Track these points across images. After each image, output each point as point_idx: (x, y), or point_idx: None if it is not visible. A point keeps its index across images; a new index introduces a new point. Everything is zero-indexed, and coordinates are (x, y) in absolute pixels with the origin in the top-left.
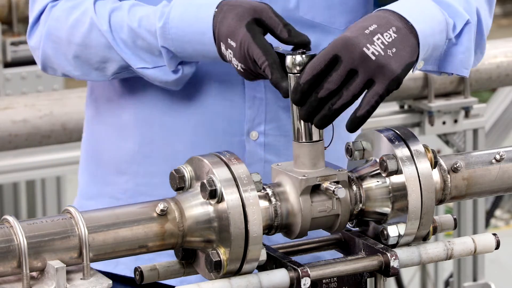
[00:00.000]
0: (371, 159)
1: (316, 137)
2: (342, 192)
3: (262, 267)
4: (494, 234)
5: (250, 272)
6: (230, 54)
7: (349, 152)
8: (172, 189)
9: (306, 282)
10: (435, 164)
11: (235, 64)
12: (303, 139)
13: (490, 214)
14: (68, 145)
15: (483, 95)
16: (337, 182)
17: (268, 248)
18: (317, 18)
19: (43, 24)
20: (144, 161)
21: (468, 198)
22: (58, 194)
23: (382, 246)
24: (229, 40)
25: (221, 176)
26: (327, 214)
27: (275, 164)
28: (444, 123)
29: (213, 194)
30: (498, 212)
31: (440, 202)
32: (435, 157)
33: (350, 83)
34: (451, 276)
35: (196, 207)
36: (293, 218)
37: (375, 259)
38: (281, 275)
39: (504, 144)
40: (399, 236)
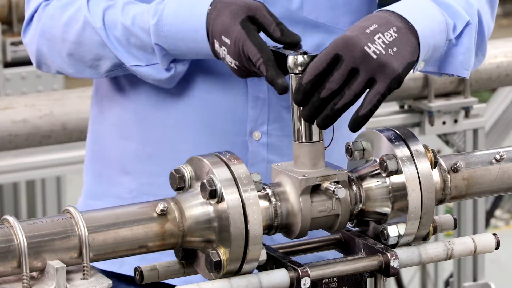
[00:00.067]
0: (371, 159)
1: (316, 137)
2: (342, 192)
3: (262, 267)
4: (494, 234)
5: (250, 272)
6: (224, 51)
7: (349, 152)
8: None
9: (306, 282)
10: (435, 164)
11: (229, 61)
12: (303, 139)
13: (490, 214)
14: (68, 145)
15: (483, 95)
16: (337, 182)
17: (268, 248)
18: (320, 18)
19: (37, 22)
20: (148, 161)
21: (468, 198)
22: (58, 194)
23: (382, 246)
24: (223, 37)
25: (221, 176)
26: (327, 214)
27: (275, 164)
28: (444, 123)
29: (213, 194)
30: (498, 212)
31: (440, 202)
32: (435, 157)
33: (351, 82)
34: (451, 276)
35: (196, 207)
36: (293, 218)
37: (375, 259)
38: (281, 275)
39: (504, 144)
40: (399, 236)
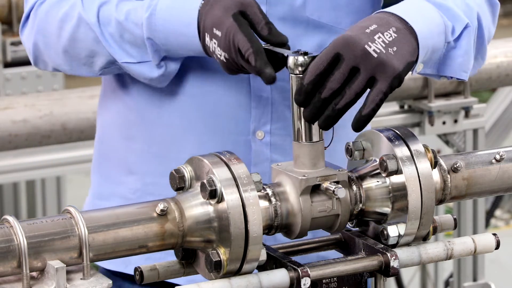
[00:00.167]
0: (371, 159)
1: (316, 137)
2: (342, 192)
3: (262, 267)
4: (494, 234)
5: (250, 272)
6: (215, 44)
7: (349, 152)
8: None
9: (306, 282)
10: (435, 164)
11: (219, 54)
12: (303, 139)
13: (490, 214)
14: (68, 145)
15: (483, 95)
16: (337, 182)
17: (268, 248)
18: (323, 18)
19: (33, 19)
20: (153, 161)
21: (468, 198)
22: (58, 194)
23: (382, 246)
24: (214, 30)
25: (221, 176)
26: (327, 214)
27: (275, 164)
28: (444, 123)
29: (213, 194)
30: (498, 212)
31: (440, 202)
32: (435, 157)
33: (352, 82)
34: (451, 276)
35: (196, 207)
36: (293, 218)
37: (375, 259)
38: (281, 275)
39: (504, 144)
40: (399, 236)
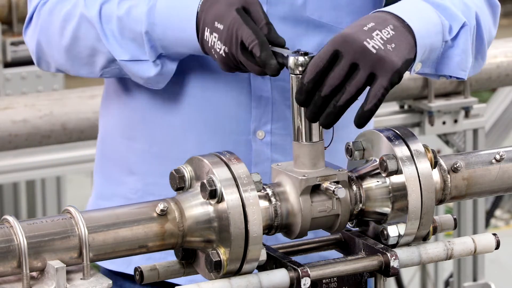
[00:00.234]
0: (371, 159)
1: (316, 137)
2: (342, 192)
3: (262, 267)
4: (494, 234)
5: (250, 272)
6: (215, 38)
7: (349, 152)
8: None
9: (306, 282)
10: (435, 164)
11: (218, 48)
12: (303, 139)
13: (490, 214)
14: (68, 145)
15: (483, 95)
16: (337, 182)
17: (268, 248)
18: (323, 18)
19: (37, 18)
20: (153, 161)
21: (468, 198)
22: (58, 194)
23: (382, 246)
24: (215, 23)
25: (221, 176)
26: (327, 214)
27: (275, 164)
28: (444, 123)
29: (213, 194)
30: (498, 212)
31: (440, 202)
32: (435, 157)
33: (352, 78)
34: (451, 276)
35: (196, 207)
36: (293, 218)
37: (375, 259)
38: (281, 275)
39: (504, 144)
40: (399, 236)
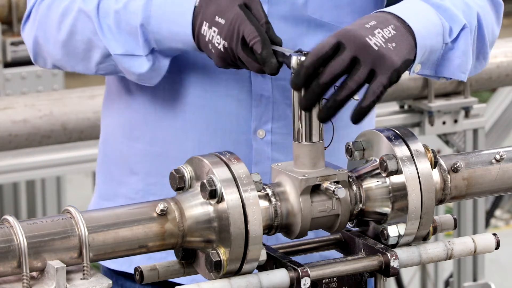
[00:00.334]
0: (371, 159)
1: (316, 137)
2: (342, 192)
3: (262, 267)
4: (494, 234)
5: (250, 272)
6: (214, 32)
7: (349, 152)
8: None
9: (306, 282)
10: (435, 164)
11: (217, 42)
12: (303, 139)
13: (490, 214)
14: (68, 145)
15: (483, 95)
16: (337, 182)
17: (268, 248)
18: (325, 17)
19: (35, 14)
20: (155, 160)
21: (468, 198)
22: (58, 194)
23: (382, 246)
24: (216, 18)
25: (221, 176)
26: (327, 214)
27: (275, 164)
28: (444, 123)
29: (213, 194)
30: (498, 212)
31: (440, 202)
32: (435, 157)
33: (353, 73)
34: (451, 276)
35: (196, 207)
36: (293, 218)
37: (375, 259)
38: (281, 275)
39: (504, 144)
40: (399, 236)
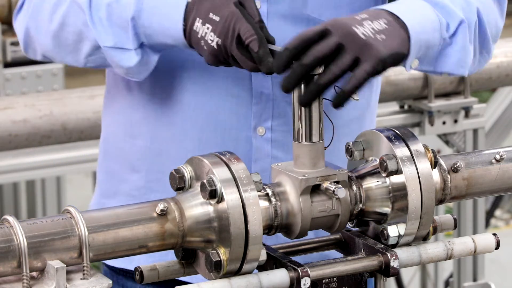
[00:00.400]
0: (371, 159)
1: (316, 137)
2: (342, 192)
3: (262, 267)
4: (494, 234)
5: (250, 272)
6: (207, 29)
7: (349, 152)
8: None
9: (306, 282)
10: (435, 164)
11: (210, 39)
12: (303, 139)
13: (490, 214)
14: (68, 145)
15: (483, 95)
16: (337, 182)
17: (268, 248)
18: (324, 16)
19: (28, 4)
20: (155, 158)
21: (468, 198)
22: (58, 194)
23: (382, 246)
24: (210, 14)
25: (221, 176)
26: (327, 214)
27: (275, 164)
28: (444, 123)
29: (213, 194)
30: (498, 212)
31: (440, 202)
32: (435, 157)
33: (338, 58)
34: (451, 276)
35: (196, 207)
36: (293, 218)
37: (375, 259)
38: (281, 275)
39: (504, 144)
40: (399, 236)
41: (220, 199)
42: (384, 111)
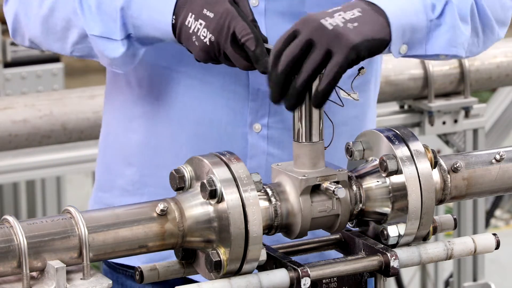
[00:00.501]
0: (371, 159)
1: (316, 137)
2: (342, 192)
3: (262, 267)
4: (494, 234)
5: (250, 272)
6: (200, 25)
7: (349, 152)
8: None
9: (306, 282)
10: (435, 164)
11: (203, 35)
12: (303, 139)
13: (490, 214)
14: (68, 145)
15: (483, 95)
16: (337, 182)
17: (268, 248)
18: None
19: None
20: (151, 152)
21: (468, 198)
22: (58, 194)
23: (382, 246)
24: (204, 11)
25: (221, 176)
26: (327, 214)
27: (275, 164)
28: (444, 123)
29: (213, 194)
30: (498, 212)
31: (440, 202)
32: (435, 157)
33: (308, 56)
34: (451, 276)
35: (196, 207)
36: (293, 218)
37: (375, 259)
38: (281, 275)
39: (504, 144)
40: (399, 236)
41: (220, 199)
42: (384, 111)
